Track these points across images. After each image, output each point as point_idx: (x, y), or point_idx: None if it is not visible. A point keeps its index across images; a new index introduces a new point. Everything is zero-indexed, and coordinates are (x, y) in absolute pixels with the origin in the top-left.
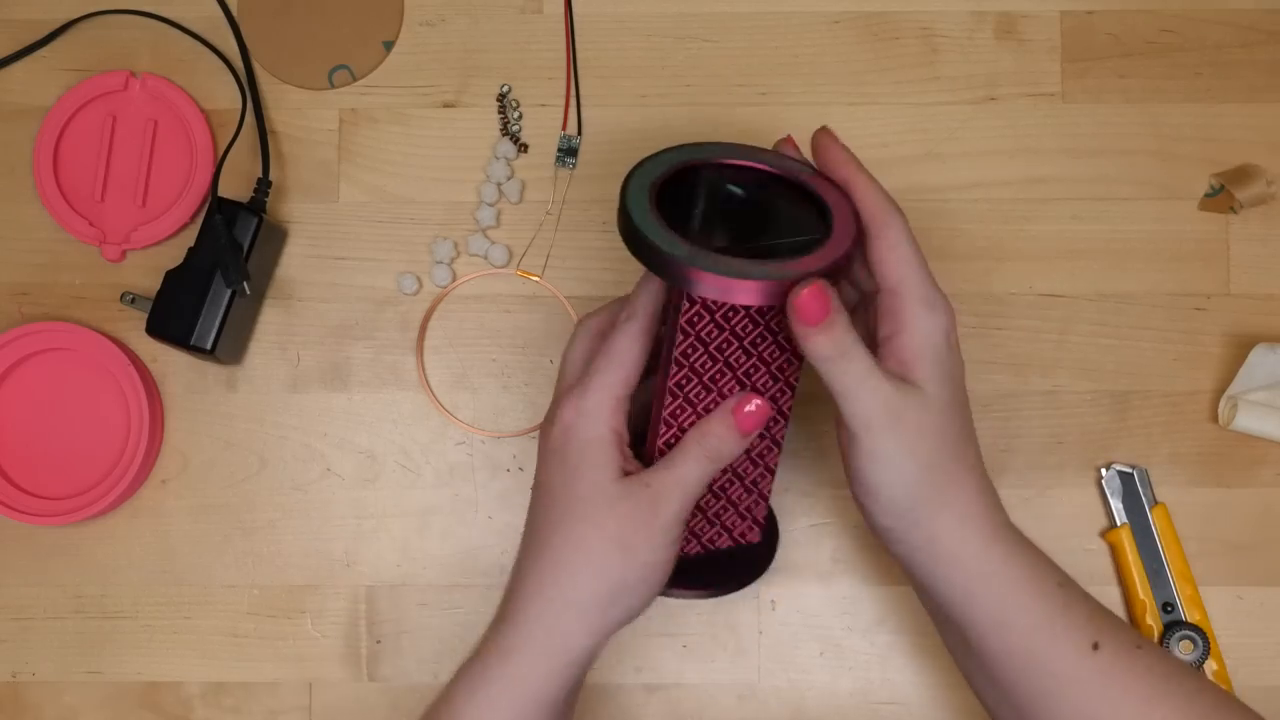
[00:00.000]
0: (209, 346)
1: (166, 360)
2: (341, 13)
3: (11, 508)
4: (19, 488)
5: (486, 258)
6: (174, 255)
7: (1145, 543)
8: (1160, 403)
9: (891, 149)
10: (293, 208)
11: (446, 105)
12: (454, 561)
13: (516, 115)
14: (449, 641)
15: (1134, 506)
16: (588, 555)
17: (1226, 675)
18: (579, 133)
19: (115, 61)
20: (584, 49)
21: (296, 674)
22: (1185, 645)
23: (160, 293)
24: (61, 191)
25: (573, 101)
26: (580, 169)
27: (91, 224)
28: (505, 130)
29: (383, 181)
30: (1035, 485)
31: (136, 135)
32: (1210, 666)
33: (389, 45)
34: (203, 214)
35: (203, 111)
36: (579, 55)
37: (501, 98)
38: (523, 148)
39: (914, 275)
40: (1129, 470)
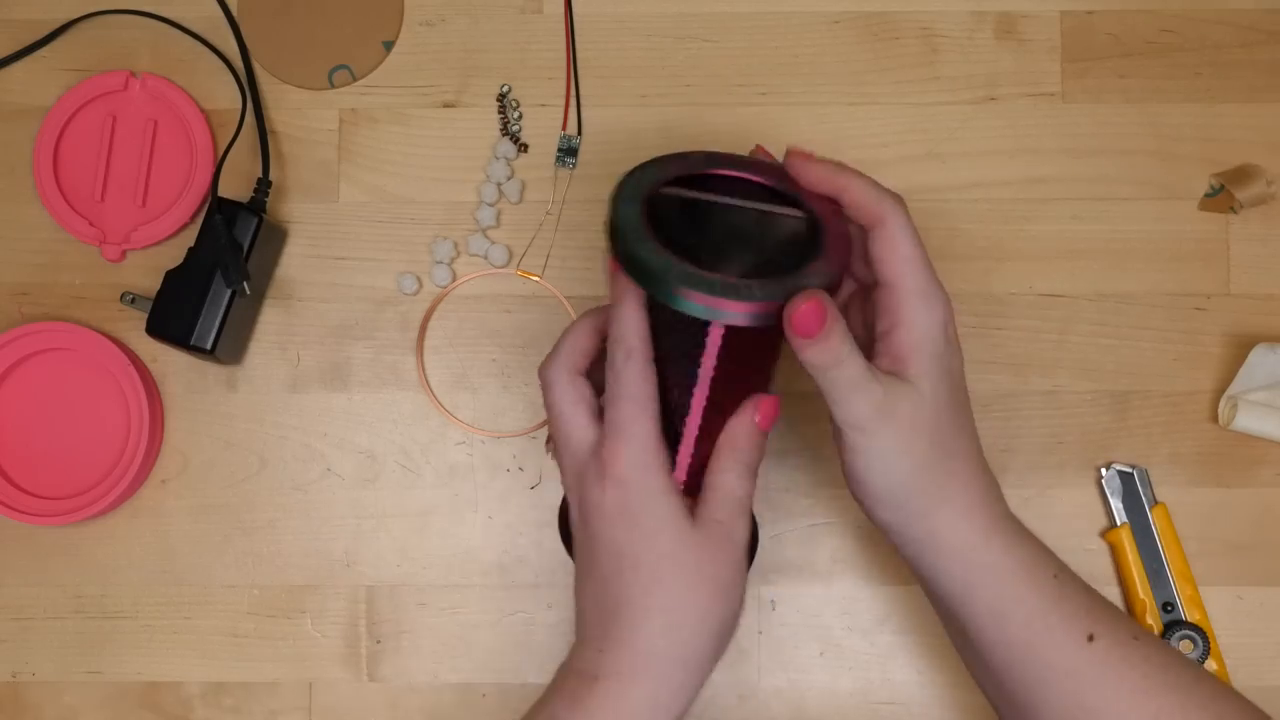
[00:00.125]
0: (209, 346)
1: (166, 360)
2: (341, 13)
3: (11, 508)
4: (19, 488)
5: (486, 258)
6: (174, 255)
7: (1145, 543)
8: (1160, 403)
9: (891, 149)
10: (293, 208)
11: (446, 105)
12: (454, 561)
13: (516, 115)
14: (449, 641)
15: (1134, 506)
16: (695, 608)
17: (1226, 675)
18: (579, 133)
19: (115, 61)
20: (584, 49)
21: (296, 674)
22: (1185, 645)
23: (160, 293)
24: (61, 191)
25: (573, 101)
26: (580, 169)
27: (91, 224)
28: (505, 130)
29: (383, 181)
30: (1035, 485)
31: (136, 135)
32: (1210, 666)
33: (389, 45)
34: (203, 214)
35: (203, 111)
36: (579, 55)
37: (501, 98)
38: (523, 148)
39: (910, 270)
40: (1129, 470)
